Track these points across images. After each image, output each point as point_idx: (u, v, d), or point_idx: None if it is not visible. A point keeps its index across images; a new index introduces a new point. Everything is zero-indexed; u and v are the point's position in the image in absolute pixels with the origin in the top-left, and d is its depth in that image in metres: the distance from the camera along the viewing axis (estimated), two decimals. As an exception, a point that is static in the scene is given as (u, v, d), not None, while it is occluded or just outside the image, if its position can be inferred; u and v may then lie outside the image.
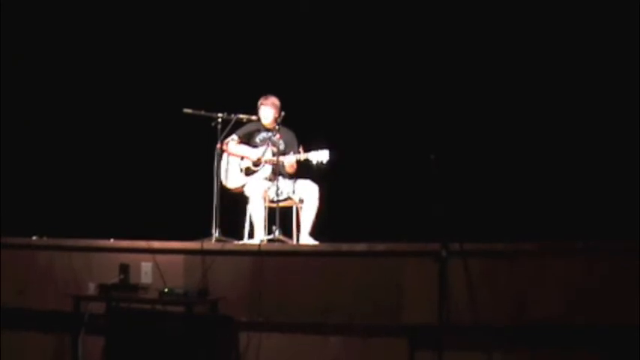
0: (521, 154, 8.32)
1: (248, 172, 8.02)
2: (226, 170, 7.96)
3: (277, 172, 7.83)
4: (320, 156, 7.66)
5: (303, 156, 7.73)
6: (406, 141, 8.45)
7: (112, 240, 7.25)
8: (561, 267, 6.45)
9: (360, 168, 8.64)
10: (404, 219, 8.02)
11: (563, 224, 7.73)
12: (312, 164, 7.71)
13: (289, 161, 7.79)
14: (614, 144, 7.98)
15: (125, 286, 6.80)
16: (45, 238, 7.52)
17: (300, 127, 8.15)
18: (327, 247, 7.12)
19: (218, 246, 7.26)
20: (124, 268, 6.85)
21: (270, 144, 7.97)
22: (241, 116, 7.92)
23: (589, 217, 7.71)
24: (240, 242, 7.70)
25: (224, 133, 7.82)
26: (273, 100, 8.04)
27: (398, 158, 8.43)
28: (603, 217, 7.67)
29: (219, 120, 7.80)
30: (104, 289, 6.74)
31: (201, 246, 7.07)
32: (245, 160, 8.04)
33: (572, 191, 8.08)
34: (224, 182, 7.93)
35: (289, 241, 7.72)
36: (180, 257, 7.04)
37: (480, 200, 8.17)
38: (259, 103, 8.08)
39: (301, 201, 7.87)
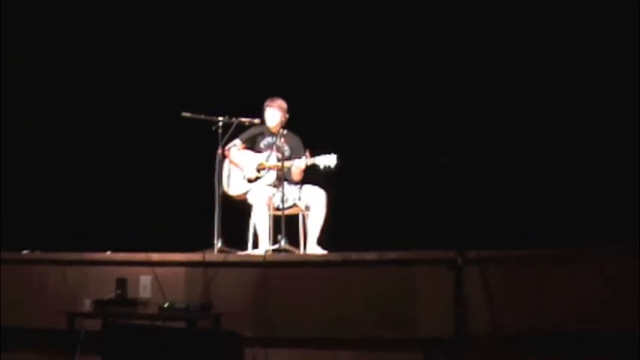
0: (537, 158, 8.35)
1: (251, 178, 8.00)
2: (228, 177, 7.96)
3: (282, 178, 7.79)
4: (327, 161, 7.62)
5: (309, 161, 7.71)
6: (416, 144, 8.42)
7: (108, 252, 7.25)
8: (585, 274, 6.48)
9: (369, 173, 8.64)
10: (416, 225, 8.03)
11: (581, 229, 7.68)
12: (320, 169, 7.68)
13: (298, 166, 7.76)
14: (631, 147, 7.95)
15: (123, 302, 6.75)
16: (37, 252, 7.48)
17: (306, 131, 8.15)
18: (336, 256, 7.08)
19: (221, 257, 7.24)
20: (122, 283, 6.80)
21: (274, 149, 7.94)
22: (243, 120, 7.89)
23: (609, 221, 7.71)
24: (244, 253, 7.65)
25: (225, 138, 7.79)
26: (280, 103, 8.04)
27: (408, 162, 8.40)
28: (624, 222, 7.57)
29: (220, 124, 7.77)
30: (100, 305, 6.69)
31: (203, 257, 7.05)
32: (248, 165, 8.02)
33: (591, 195, 8.10)
34: (226, 189, 7.92)
35: (296, 251, 7.66)
36: (180, 270, 7.04)
37: (496, 205, 8.18)
38: (265, 104, 8.07)
39: (308, 208, 7.85)
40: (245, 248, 7.80)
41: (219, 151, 7.82)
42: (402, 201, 8.57)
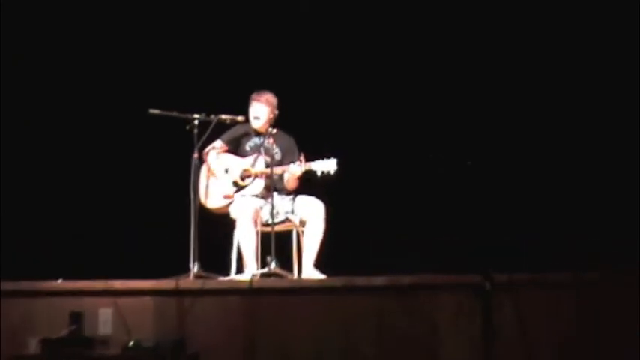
0: (574, 172, 8.35)
1: (234, 188, 7.75)
2: (206, 186, 7.71)
3: (272, 187, 7.47)
4: (326, 166, 7.38)
5: (305, 166, 7.44)
6: (430, 146, 8.42)
7: (59, 280, 6.80)
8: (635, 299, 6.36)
9: (374, 181, 8.56)
10: (432, 244, 7.98)
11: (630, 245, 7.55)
12: (317, 176, 7.44)
13: (293, 172, 7.47)
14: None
15: (78, 340, 6.38)
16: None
17: (299, 130, 7.93)
18: (338, 281, 6.74)
19: (198, 284, 6.86)
20: (76, 317, 6.43)
21: (262, 152, 7.69)
22: (224, 117, 7.58)
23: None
24: (227, 278, 7.34)
25: (202, 139, 7.48)
26: (268, 97, 7.77)
27: (420, 168, 8.35)
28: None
29: (196, 122, 7.45)
30: (49, 345, 6.31)
31: (176, 284, 6.66)
32: (230, 172, 7.73)
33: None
34: (203, 201, 7.65)
35: (289, 276, 7.34)
36: (149, 300, 6.60)
37: (528, 220, 8.11)
38: (251, 98, 7.80)
39: (303, 223, 7.57)
40: (227, 273, 7.50)
41: (195, 155, 7.45)
42: (414, 215, 8.47)
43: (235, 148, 7.81)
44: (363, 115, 8.63)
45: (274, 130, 7.73)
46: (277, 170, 7.56)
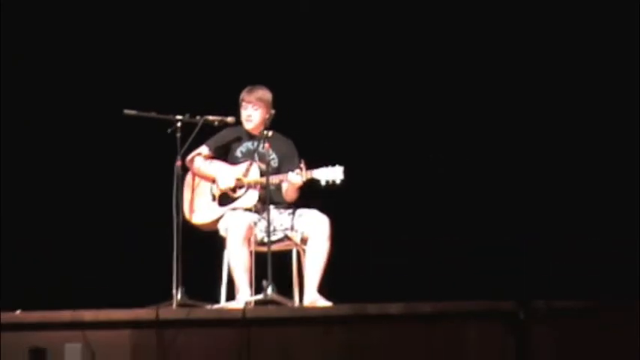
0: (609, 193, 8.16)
1: (224, 200, 7.30)
2: (191, 199, 7.29)
3: (268, 199, 7.01)
4: (331, 174, 6.97)
5: (306, 175, 7.02)
6: (448, 154, 8.30)
7: (18, 312, 6.39)
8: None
9: (388, 192, 8.36)
10: (455, 265, 7.84)
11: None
12: (321, 186, 7.03)
13: (293, 182, 7.07)
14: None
15: None
16: None
17: (300, 133, 7.55)
18: (346, 309, 6.35)
19: (182, 313, 6.46)
20: (38, 355, 6.05)
21: (256, 158, 7.24)
22: (211, 118, 7.17)
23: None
24: (216, 307, 6.95)
25: (186, 144, 7.06)
26: (261, 95, 7.33)
27: (438, 177, 8.21)
28: None
29: (179, 124, 7.02)
30: None
31: (157, 315, 6.25)
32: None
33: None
34: (188, 216, 7.27)
35: (288, 303, 6.91)
36: (124, 333, 6.21)
37: (568, 238, 7.88)
38: (241, 98, 7.37)
39: (304, 241, 7.13)
40: (217, 300, 7.09)
41: (179, 162, 7.04)
42: (434, 232, 8.21)
43: (225, 155, 7.44)
44: (370, 115, 8.49)
45: (270, 133, 7.19)
46: (274, 179, 7.11)
